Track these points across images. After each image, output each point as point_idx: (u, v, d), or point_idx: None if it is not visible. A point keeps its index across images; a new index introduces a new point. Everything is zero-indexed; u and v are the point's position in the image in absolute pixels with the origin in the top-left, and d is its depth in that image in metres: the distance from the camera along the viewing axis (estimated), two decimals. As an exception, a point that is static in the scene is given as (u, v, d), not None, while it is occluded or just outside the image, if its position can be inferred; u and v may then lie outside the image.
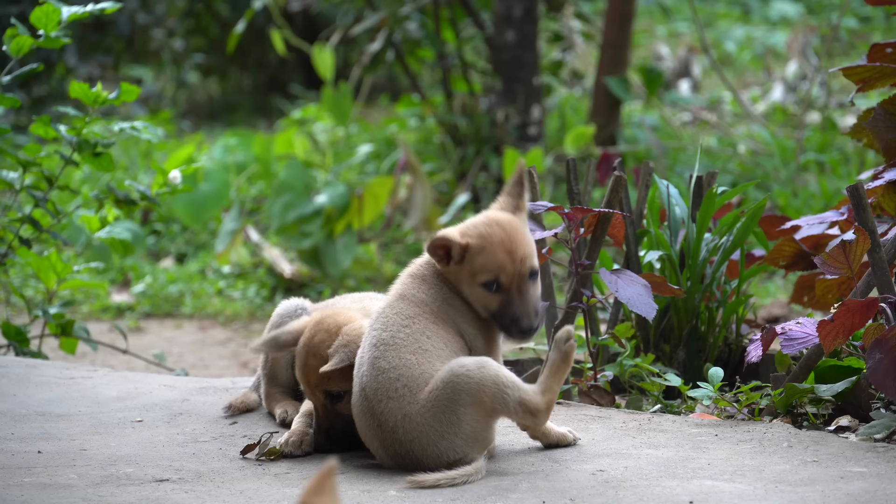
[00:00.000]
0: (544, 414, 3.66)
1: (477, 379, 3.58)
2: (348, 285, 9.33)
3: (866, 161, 10.14)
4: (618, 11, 11.06)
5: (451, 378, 3.60)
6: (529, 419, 3.65)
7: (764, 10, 17.22)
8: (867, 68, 4.67)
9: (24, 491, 3.55)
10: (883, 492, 3.42)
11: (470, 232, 3.74)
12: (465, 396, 3.58)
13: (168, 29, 15.76)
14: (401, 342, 3.69)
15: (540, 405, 3.64)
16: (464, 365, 3.61)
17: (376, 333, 3.73)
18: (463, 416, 3.59)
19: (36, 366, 5.08)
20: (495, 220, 3.76)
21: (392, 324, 3.73)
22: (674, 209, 4.94)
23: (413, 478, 3.52)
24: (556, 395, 3.67)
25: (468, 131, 10.77)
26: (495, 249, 3.71)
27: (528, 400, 3.62)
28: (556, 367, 3.68)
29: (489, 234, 3.73)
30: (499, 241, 3.71)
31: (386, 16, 10.77)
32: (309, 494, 2.35)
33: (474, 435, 3.62)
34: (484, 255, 3.71)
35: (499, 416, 3.64)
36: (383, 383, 3.66)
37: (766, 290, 8.56)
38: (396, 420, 3.64)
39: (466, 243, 3.72)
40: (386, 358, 3.68)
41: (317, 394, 3.89)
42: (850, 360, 4.31)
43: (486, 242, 3.72)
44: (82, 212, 6.01)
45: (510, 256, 3.71)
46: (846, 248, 4.17)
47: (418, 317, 3.74)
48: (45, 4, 5.53)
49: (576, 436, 3.89)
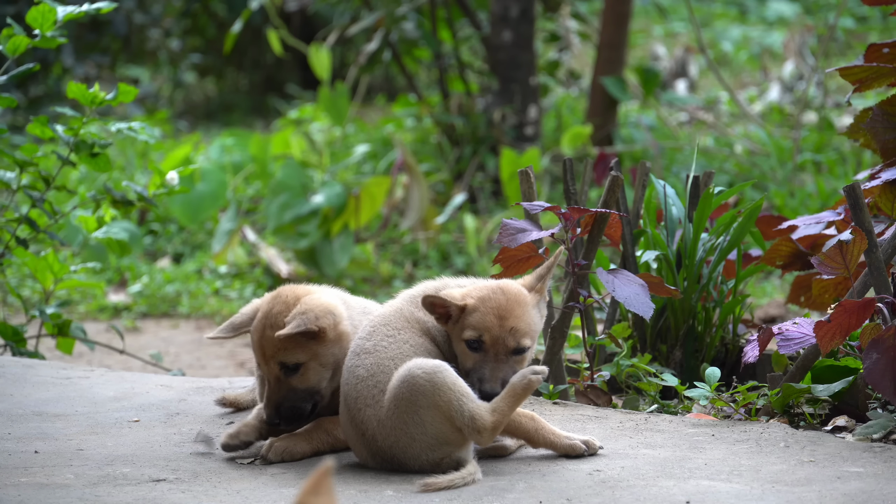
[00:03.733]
0: (489, 433, 3.57)
1: (432, 381, 3.56)
2: (345, 285, 9.33)
3: (863, 161, 10.15)
4: (614, 11, 11.06)
5: (408, 378, 3.58)
6: (475, 435, 3.58)
7: (760, 10, 17.23)
8: (864, 68, 4.68)
9: (20, 491, 3.55)
10: (880, 492, 3.43)
11: (472, 293, 3.74)
12: (422, 398, 3.56)
13: (165, 29, 15.76)
14: (381, 350, 3.69)
15: (486, 423, 3.56)
16: (421, 366, 3.59)
17: (360, 342, 3.73)
18: (424, 417, 3.58)
19: (33, 366, 5.08)
20: (503, 287, 3.76)
21: (377, 333, 3.72)
22: (670, 209, 4.94)
23: (426, 480, 3.52)
24: (504, 419, 3.59)
25: (465, 131, 10.77)
26: (488, 311, 3.70)
27: (479, 415, 3.56)
28: (514, 392, 3.61)
29: (489, 298, 3.72)
30: (495, 306, 3.71)
31: (382, 16, 10.78)
32: (306, 494, 2.35)
33: (442, 437, 3.60)
34: (476, 314, 3.70)
35: (455, 423, 3.58)
36: (362, 391, 3.66)
37: (763, 290, 8.57)
38: (374, 427, 3.64)
39: (464, 305, 3.72)
40: (364, 366, 3.68)
41: (271, 365, 3.84)
42: (847, 360, 4.31)
43: (481, 304, 3.71)
44: (79, 212, 6.00)
45: (500, 322, 3.69)
46: (843, 249, 4.17)
47: (405, 329, 3.74)
48: (42, 4, 5.52)
49: (592, 443, 3.82)
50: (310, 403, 3.86)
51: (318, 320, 3.81)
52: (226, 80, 16.83)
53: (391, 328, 3.73)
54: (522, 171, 4.64)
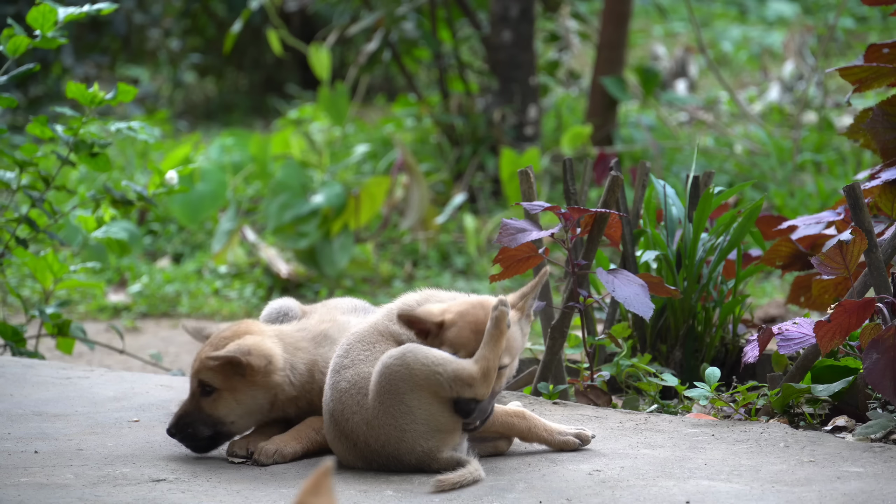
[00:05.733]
0: (481, 382, 3.57)
1: (404, 363, 3.58)
2: (345, 285, 9.33)
3: (863, 161, 10.15)
4: (614, 11, 11.06)
5: (382, 370, 3.60)
6: (467, 390, 3.57)
7: (760, 10, 17.23)
8: (864, 68, 4.68)
9: (20, 491, 3.55)
10: (879, 492, 3.43)
11: (451, 309, 3.71)
12: (401, 384, 3.58)
13: (165, 29, 15.75)
14: (359, 362, 3.70)
15: (474, 373, 3.57)
16: (391, 355, 3.61)
17: (338, 360, 3.75)
18: (410, 402, 3.59)
19: (32, 366, 5.08)
20: (483, 303, 3.72)
21: (353, 350, 3.74)
22: (670, 209, 4.94)
23: (439, 478, 3.51)
24: (491, 364, 3.59)
25: (465, 131, 10.77)
26: (466, 327, 3.67)
27: (461, 369, 3.57)
28: (490, 335, 3.61)
29: (467, 313, 3.69)
30: (472, 321, 3.67)
31: (382, 16, 10.78)
32: (305, 494, 2.35)
33: (433, 421, 3.60)
34: (454, 329, 3.68)
35: (441, 396, 3.58)
36: (346, 402, 3.67)
37: (763, 290, 8.57)
38: (364, 431, 3.65)
39: (442, 321, 3.69)
40: (346, 379, 3.70)
41: (193, 380, 3.91)
42: (847, 360, 4.31)
43: (460, 319, 3.69)
44: (79, 212, 6.00)
45: (476, 337, 3.66)
46: (843, 249, 4.17)
47: (380, 342, 3.74)
48: (42, 5, 5.52)
49: (584, 434, 3.86)
50: (210, 430, 3.89)
51: (249, 356, 3.84)
52: (226, 80, 16.83)
53: (365, 343, 3.74)
54: (522, 171, 4.64)
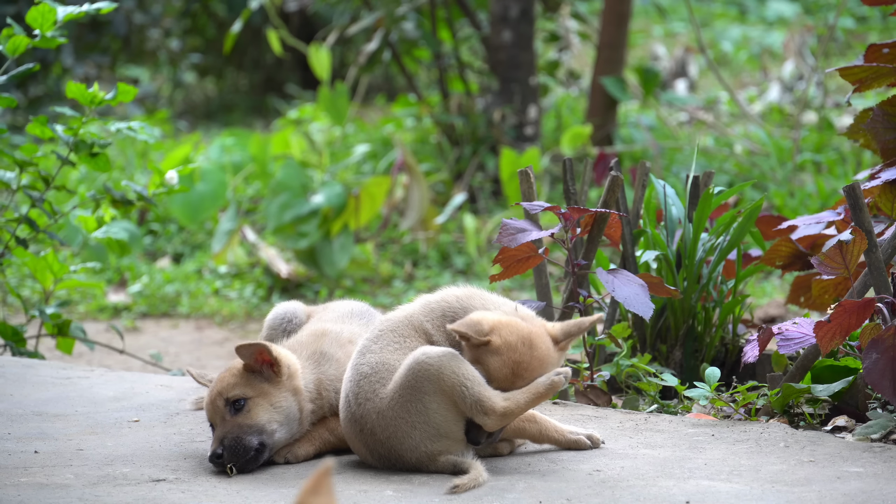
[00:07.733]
0: (496, 416, 3.57)
1: (437, 366, 3.57)
2: (345, 285, 9.33)
3: (863, 161, 10.15)
4: (614, 11, 11.06)
5: (413, 364, 3.59)
6: (482, 418, 3.57)
7: (760, 10, 17.23)
8: (864, 68, 4.68)
9: (20, 491, 3.55)
10: (879, 492, 3.43)
11: (501, 331, 3.64)
12: (427, 384, 3.58)
13: (165, 29, 15.75)
14: (387, 351, 3.69)
15: (497, 409, 3.57)
16: (427, 353, 3.60)
17: (366, 343, 3.74)
18: (428, 404, 3.59)
19: (32, 366, 5.08)
20: (533, 340, 3.65)
21: (384, 337, 3.73)
22: (670, 209, 4.94)
23: (454, 482, 3.50)
24: (516, 409, 3.59)
25: (465, 131, 10.77)
26: (507, 364, 3.63)
27: (488, 398, 3.56)
28: (534, 393, 3.61)
29: (515, 349, 3.63)
30: (515, 360, 3.63)
31: (382, 16, 10.77)
32: (305, 494, 2.35)
33: (443, 427, 3.61)
34: (495, 359, 3.63)
35: (459, 408, 3.58)
36: (363, 386, 3.67)
37: (763, 290, 8.56)
38: (373, 420, 3.65)
39: (489, 341, 3.64)
40: (368, 362, 3.69)
41: (217, 404, 3.79)
42: (847, 360, 4.31)
43: (505, 351, 3.63)
44: (79, 212, 6.00)
45: (513, 377, 3.63)
46: (843, 249, 4.17)
47: (411, 338, 3.73)
48: (42, 4, 5.52)
49: (595, 437, 3.86)
50: (256, 439, 3.75)
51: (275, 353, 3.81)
52: (226, 80, 16.83)
53: (397, 335, 3.73)
54: (522, 171, 4.64)
